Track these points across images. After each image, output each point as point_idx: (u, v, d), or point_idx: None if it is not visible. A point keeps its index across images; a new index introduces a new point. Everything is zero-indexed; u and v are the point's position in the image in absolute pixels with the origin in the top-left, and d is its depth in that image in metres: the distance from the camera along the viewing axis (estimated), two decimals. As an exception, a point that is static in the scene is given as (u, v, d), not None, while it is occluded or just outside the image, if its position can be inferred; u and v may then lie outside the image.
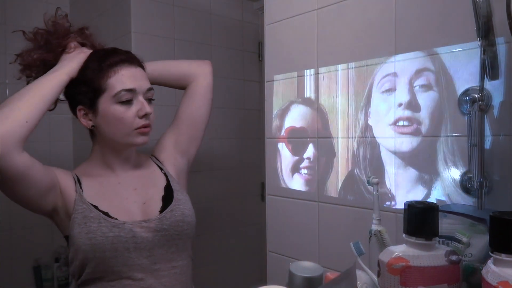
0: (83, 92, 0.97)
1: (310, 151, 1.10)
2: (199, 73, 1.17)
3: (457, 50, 0.82)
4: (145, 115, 0.97)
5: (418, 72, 0.88)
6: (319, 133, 1.08)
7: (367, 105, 0.97)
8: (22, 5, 2.06)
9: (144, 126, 0.98)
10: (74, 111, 1.01)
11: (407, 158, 0.90)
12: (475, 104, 0.75)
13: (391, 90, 0.92)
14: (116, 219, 0.95)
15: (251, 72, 2.17)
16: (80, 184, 0.98)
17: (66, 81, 0.96)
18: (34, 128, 0.89)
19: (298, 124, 1.13)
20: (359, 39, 0.98)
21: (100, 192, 0.99)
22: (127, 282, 0.93)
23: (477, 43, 0.72)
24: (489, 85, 0.77)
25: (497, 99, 0.77)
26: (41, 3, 2.12)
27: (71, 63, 0.98)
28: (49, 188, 0.93)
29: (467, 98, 0.80)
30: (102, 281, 0.94)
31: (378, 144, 0.95)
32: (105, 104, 0.95)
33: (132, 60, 0.99)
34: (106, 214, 0.95)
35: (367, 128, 0.97)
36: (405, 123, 0.90)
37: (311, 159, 1.10)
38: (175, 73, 1.17)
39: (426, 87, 0.87)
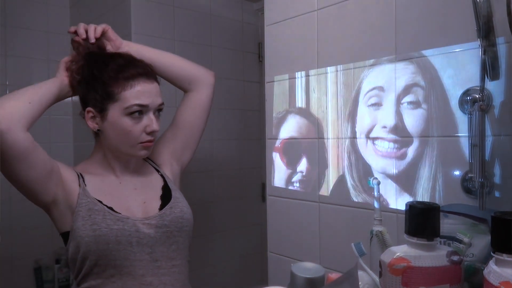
0: (95, 96, 0.98)
1: (310, 151, 1.10)
2: (205, 83, 1.17)
3: (457, 50, 0.82)
4: (152, 132, 0.99)
5: (419, 70, 0.88)
6: (319, 134, 1.08)
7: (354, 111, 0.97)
8: (22, 6, 2.07)
9: (149, 141, 1.00)
10: (83, 110, 1.02)
11: (406, 158, 0.90)
12: (476, 104, 0.75)
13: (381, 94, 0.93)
14: (120, 213, 0.96)
15: (251, 73, 2.17)
16: (83, 179, 0.99)
17: (58, 82, 1.00)
18: (37, 115, 0.93)
19: (296, 124, 1.13)
20: (359, 39, 0.98)
21: (103, 188, 1.00)
22: (127, 278, 0.93)
23: (477, 43, 0.72)
24: (489, 85, 0.77)
25: (497, 99, 0.77)
26: (41, 4, 2.12)
27: (58, 74, 1.03)
28: (49, 175, 0.93)
29: (468, 98, 0.80)
30: (102, 277, 0.94)
31: (374, 144, 0.95)
32: (115, 113, 0.96)
33: (149, 74, 1.00)
34: (111, 208, 0.96)
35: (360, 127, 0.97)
36: (406, 119, 0.90)
37: (311, 160, 1.10)
38: (182, 72, 1.15)
39: (428, 84, 0.87)
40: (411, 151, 0.90)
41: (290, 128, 1.16)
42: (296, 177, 1.14)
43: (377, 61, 0.95)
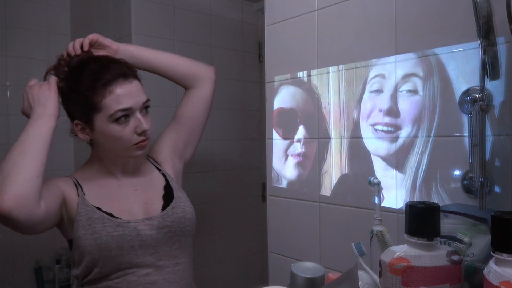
0: (78, 109, 0.96)
1: (310, 151, 1.10)
2: (205, 79, 1.17)
3: (457, 50, 0.82)
4: (143, 132, 0.97)
5: (422, 70, 0.88)
6: (320, 134, 1.08)
7: (358, 105, 0.97)
8: (22, 6, 2.07)
9: (142, 141, 0.98)
10: (72, 123, 1.00)
11: (406, 158, 0.90)
12: (476, 104, 0.75)
13: (379, 91, 0.93)
14: (120, 218, 0.96)
15: (251, 73, 2.17)
16: (81, 188, 0.99)
17: (54, 125, 0.94)
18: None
19: (298, 124, 1.13)
20: (359, 39, 0.98)
21: (102, 194, 1.00)
22: (131, 279, 0.94)
23: (477, 43, 0.72)
24: (489, 85, 0.77)
25: (497, 99, 0.77)
26: (41, 4, 2.12)
27: (48, 102, 0.95)
28: (60, 207, 0.94)
29: (468, 98, 0.80)
30: (107, 280, 0.94)
31: (374, 144, 0.95)
32: (102, 122, 0.94)
33: (126, 74, 0.95)
34: (110, 214, 0.96)
35: (358, 127, 0.97)
36: (406, 119, 0.90)
37: (311, 160, 1.10)
38: (183, 71, 1.14)
39: (428, 84, 0.87)
40: (411, 150, 0.90)
41: (290, 127, 1.16)
42: (297, 177, 1.14)
43: (377, 61, 0.95)
